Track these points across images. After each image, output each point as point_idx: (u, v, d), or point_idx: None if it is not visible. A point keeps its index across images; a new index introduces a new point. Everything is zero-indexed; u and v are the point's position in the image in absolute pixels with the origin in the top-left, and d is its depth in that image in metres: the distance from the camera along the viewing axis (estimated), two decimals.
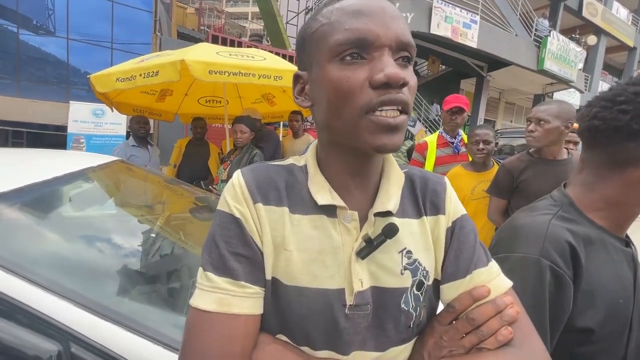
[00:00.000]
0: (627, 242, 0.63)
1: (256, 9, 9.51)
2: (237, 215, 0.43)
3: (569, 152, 1.56)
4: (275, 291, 0.43)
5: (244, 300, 0.41)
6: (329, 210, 0.44)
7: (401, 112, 0.39)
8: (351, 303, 0.42)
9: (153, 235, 1.28)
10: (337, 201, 0.44)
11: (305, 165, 0.48)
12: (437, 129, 8.68)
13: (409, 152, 2.28)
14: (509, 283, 0.46)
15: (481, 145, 1.78)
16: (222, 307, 0.40)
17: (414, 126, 8.50)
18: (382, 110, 0.38)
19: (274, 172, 0.47)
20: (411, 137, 7.99)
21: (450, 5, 7.04)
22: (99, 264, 0.91)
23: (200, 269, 0.43)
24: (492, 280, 0.46)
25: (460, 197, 1.89)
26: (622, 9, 12.46)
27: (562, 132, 1.45)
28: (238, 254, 0.42)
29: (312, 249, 0.43)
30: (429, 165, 2.14)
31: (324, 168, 0.46)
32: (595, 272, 0.57)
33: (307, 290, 0.42)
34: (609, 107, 0.58)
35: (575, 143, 2.60)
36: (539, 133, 1.46)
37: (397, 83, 0.37)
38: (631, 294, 0.60)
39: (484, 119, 10.03)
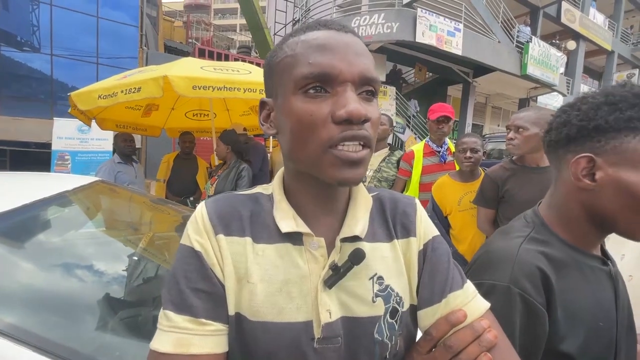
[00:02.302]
0: (603, 259, 0.61)
1: (244, 21, 9.59)
2: (198, 248, 0.42)
3: None
4: (239, 327, 0.41)
5: (204, 339, 0.39)
6: (295, 238, 0.43)
7: (363, 146, 0.39)
8: (319, 336, 0.40)
9: (135, 258, 1.23)
10: (302, 228, 0.42)
11: (272, 194, 0.47)
12: (415, 123, 8.79)
13: (399, 162, 2.27)
14: (485, 305, 0.45)
15: (468, 154, 1.75)
16: (180, 347, 0.38)
17: (403, 133, 8.58)
18: (344, 145, 0.38)
19: (238, 202, 0.46)
20: (401, 145, 8.06)
21: (434, 14, 7.19)
22: (77, 302, 0.86)
23: (161, 308, 0.40)
24: (469, 302, 0.44)
25: (448, 208, 1.87)
26: (599, 14, 12.91)
27: (542, 138, 1.45)
28: (198, 290, 0.40)
29: (276, 280, 0.41)
30: (416, 174, 2.13)
31: (290, 195, 0.46)
32: (570, 296, 0.55)
33: (273, 326, 0.40)
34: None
35: None
36: (518, 140, 1.45)
37: (358, 119, 0.37)
38: (613, 315, 0.58)
39: (472, 124, 10.18)
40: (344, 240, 0.43)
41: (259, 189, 0.49)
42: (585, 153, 0.54)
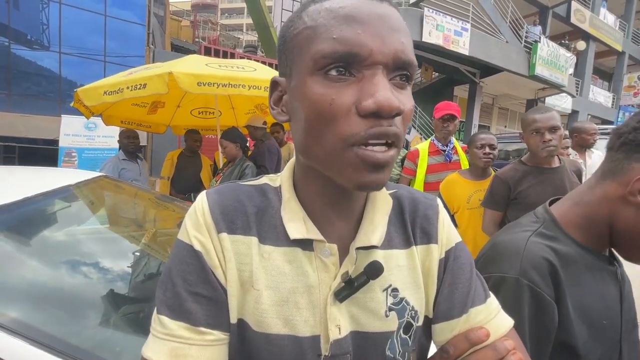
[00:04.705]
0: (610, 260, 0.60)
1: (251, 21, 9.62)
2: (198, 247, 0.37)
3: (560, 160, 1.54)
4: (242, 336, 0.37)
5: (202, 350, 0.35)
6: (305, 243, 0.38)
7: (391, 145, 0.32)
8: (327, 354, 0.37)
9: (138, 254, 1.22)
10: (313, 234, 0.38)
11: (280, 187, 0.42)
12: (420, 123, 8.71)
13: (404, 161, 2.26)
14: (509, 322, 0.42)
15: (487, 150, 1.73)
16: (175, 358, 0.34)
17: (408, 133, 8.53)
18: (369, 145, 0.31)
19: (244, 195, 0.41)
20: (406, 145, 8.02)
21: (441, 14, 7.14)
22: (78, 297, 0.85)
23: (155, 310, 0.37)
24: (491, 320, 0.41)
25: (456, 205, 1.85)
26: (609, 14, 12.71)
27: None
28: (197, 294, 0.36)
29: (284, 288, 0.37)
30: (421, 173, 2.11)
31: (300, 192, 0.41)
32: (576, 291, 0.54)
33: (277, 338, 0.36)
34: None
35: (566, 147, 2.60)
36: (557, 141, 1.40)
37: (389, 113, 0.30)
38: (618, 315, 0.57)
39: (479, 125, 10.08)
40: (360, 249, 0.38)
41: (265, 179, 0.44)
42: None
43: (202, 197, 0.40)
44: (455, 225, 1.88)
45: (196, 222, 0.38)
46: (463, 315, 0.40)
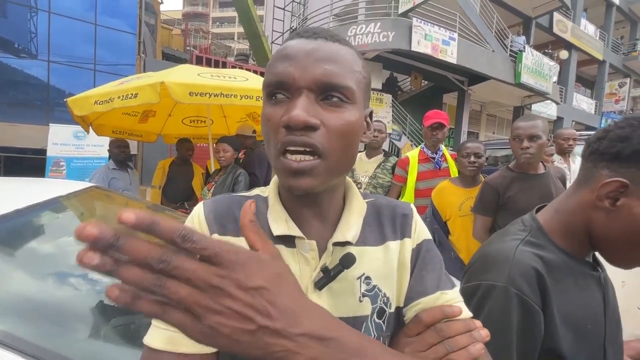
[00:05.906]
0: (594, 265, 0.62)
1: (242, 30, 9.69)
2: None
3: (545, 166, 1.59)
4: None
5: None
6: (288, 241, 0.44)
7: (314, 155, 0.38)
8: None
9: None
10: (293, 231, 0.43)
11: (268, 196, 0.48)
12: (411, 130, 8.82)
13: (394, 169, 2.29)
14: (470, 314, 0.46)
15: (472, 159, 1.77)
16: (170, 345, 0.38)
17: (399, 140, 8.64)
18: (289, 152, 0.38)
19: (235, 204, 0.47)
20: (397, 152, 8.10)
21: (429, 24, 7.30)
22: (69, 309, 0.85)
23: None
24: (458, 302, 0.45)
25: (448, 213, 1.87)
26: (590, 25, 13.20)
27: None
28: None
29: None
30: (411, 180, 2.14)
31: (283, 198, 0.47)
32: (560, 299, 0.56)
33: None
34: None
35: (550, 155, 2.68)
36: (534, 149, 1.46)
37: (296, 126, 0.37)
38: (601, 320, 0.58)
39: (467, 132, 10.26)
40: (336, 244, 0.44)
41: (257, 190, 0.51)
42: (624, 178, 0.51)
43: (199, 206, 0.47)
44: (449, 232, 1.90)
45: (192, 226, 0.44)
46: (436, 292, 0.45)
